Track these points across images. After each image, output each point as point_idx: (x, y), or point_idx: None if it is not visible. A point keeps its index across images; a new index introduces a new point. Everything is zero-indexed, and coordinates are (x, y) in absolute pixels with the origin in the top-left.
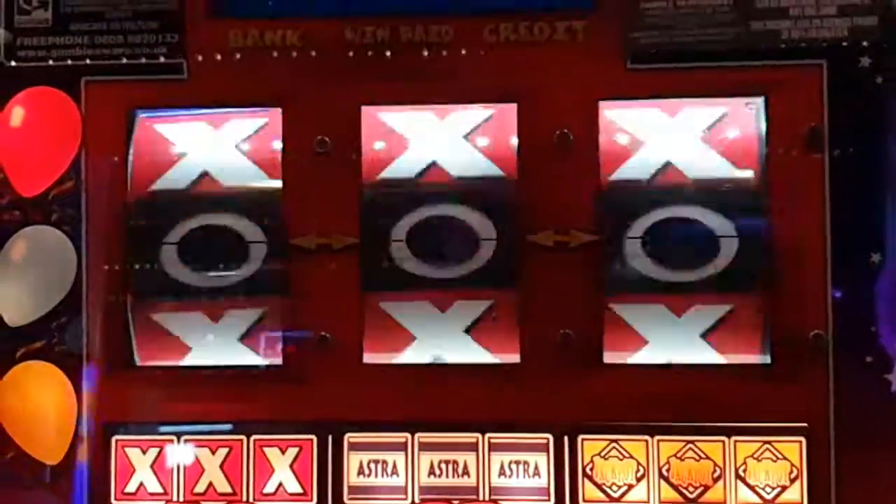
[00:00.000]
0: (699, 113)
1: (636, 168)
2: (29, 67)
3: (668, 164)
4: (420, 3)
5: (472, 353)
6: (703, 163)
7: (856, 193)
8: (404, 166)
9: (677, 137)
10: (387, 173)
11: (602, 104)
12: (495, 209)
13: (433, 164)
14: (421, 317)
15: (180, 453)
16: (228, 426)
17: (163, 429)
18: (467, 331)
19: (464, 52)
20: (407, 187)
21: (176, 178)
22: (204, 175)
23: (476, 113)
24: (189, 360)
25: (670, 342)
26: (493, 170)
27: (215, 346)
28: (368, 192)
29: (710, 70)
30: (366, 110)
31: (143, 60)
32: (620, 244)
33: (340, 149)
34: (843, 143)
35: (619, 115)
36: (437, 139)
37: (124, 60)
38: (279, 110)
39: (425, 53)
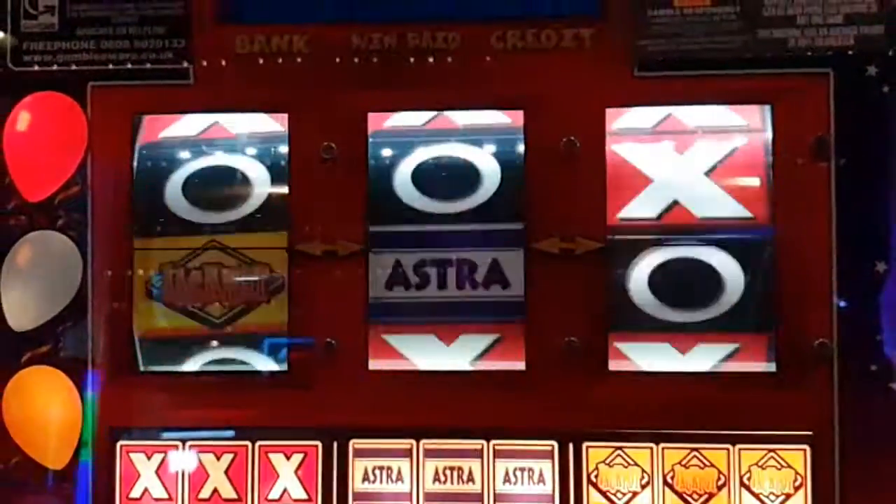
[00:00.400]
0: (708, 147)
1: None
2: (35, 72)
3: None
4: (427, 10)
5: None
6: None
7: (861, 202)
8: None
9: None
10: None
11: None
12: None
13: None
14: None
15: (185, 459)
16: (233, 432)
17: (168, 434)
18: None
19: (471, 59)
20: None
21: (186, 124)
22: (215, 124)
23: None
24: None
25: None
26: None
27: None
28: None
29: (716, 78)
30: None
31: (150, 66)
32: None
33: (346, 155)
34: (850, 151)
35: (629, 149)
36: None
37: (130, 66)
38: (286, 117)
39: (432, 60)
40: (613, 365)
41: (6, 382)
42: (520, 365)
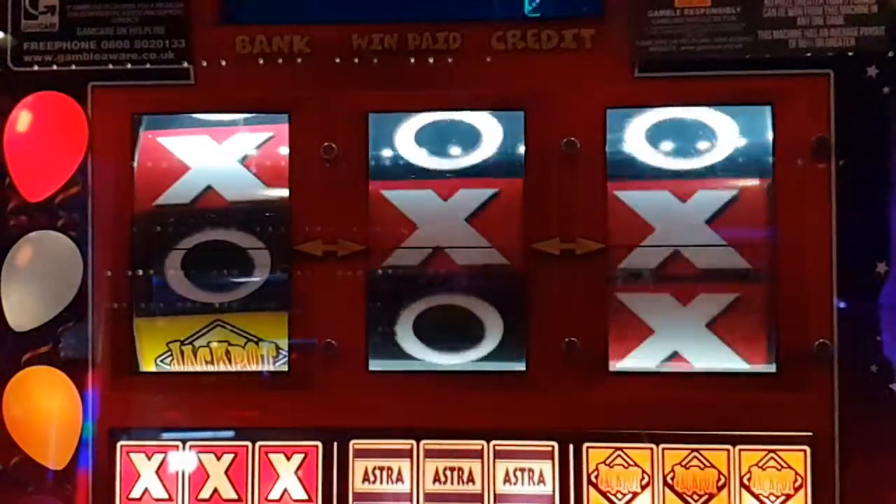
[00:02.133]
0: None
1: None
2: (35, 72)
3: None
4: (428, 10)
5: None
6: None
7: (862, 203)
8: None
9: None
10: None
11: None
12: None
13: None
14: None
15: (185, 459)
16: (233, 432)
17: (168, 434)
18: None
19: (472, 59)
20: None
21: (180, 192)
22: (208, 189)
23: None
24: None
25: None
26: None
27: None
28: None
29: (717, 79)
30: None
31: (150, 66)
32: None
33: (347, 155)
34: (850, 152)
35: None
36: None
37: (130, 66)
38: (285, 123)
39: (432, 60)
40: (613, 364)
41: (6, 382)
42: (520, 365)
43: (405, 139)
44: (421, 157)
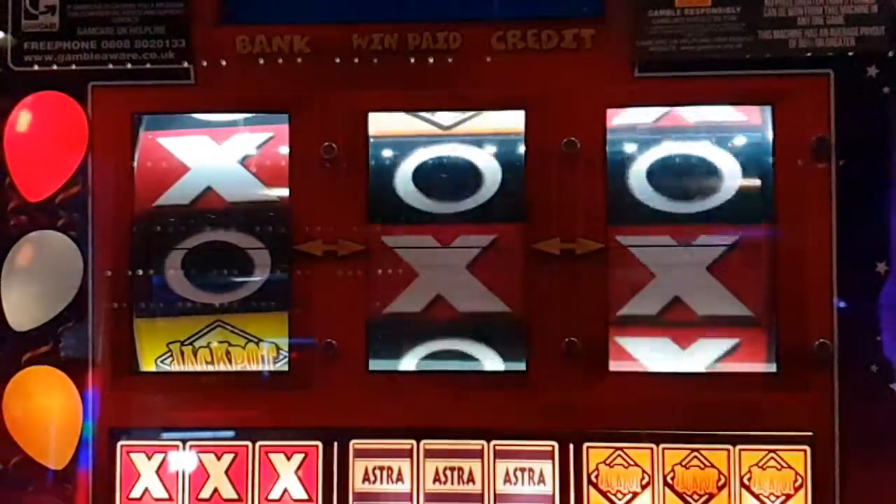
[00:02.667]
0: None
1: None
2: (36, 72)
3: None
4: (428, 10)
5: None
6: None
7: (862, 203)
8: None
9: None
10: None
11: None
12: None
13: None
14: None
15: (185, 459)
16: (234, 432)
17: (168, 434)
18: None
19: (471, 59)
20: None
21: (180, 193)
22: (208, 190)
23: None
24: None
25: (677, 276)
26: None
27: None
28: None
29: (717, 79)
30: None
31: (150, 66)
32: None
33: (347, 155)
34: (850, 152)
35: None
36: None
37: (131, 66)
38: (285, 123)
39: (432, 60)
40: (614, 365)
41: (6, 382)
42: (520, 365)
43: (404, 179)
44: (420, 200)
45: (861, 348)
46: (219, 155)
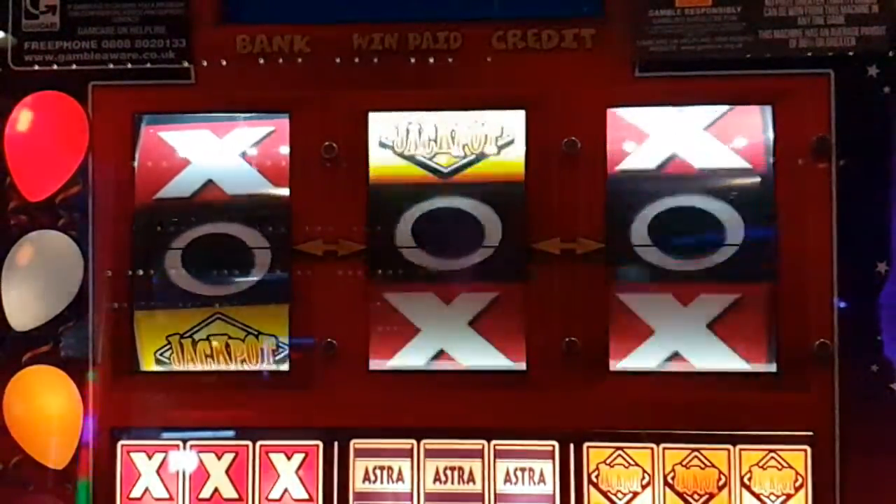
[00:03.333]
0: (705, 110)
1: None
2: (36, 72)
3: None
4: (428, 10)
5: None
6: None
7: (862, 203)
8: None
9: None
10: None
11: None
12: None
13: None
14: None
15: (186, 459)
16: (234, 432)
17: (168, 434)
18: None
19: (472, 59)
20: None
21: (181, 186)
22: (209, 183)
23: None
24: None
25: (677, 333)
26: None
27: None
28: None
29: (717, 78)
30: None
31: (151, 65)
32: (627, 238)
33: (347, 155)
34: (850, 152)
35: (627, 112)
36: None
37: (131, 65)
38: (286, 118)
39: (433, 60)
40: (614, 364)
41: (7, 382)
42: (520, 364)
43: (403, 233)
44: (421, 257)
45: (861, 348)
46: (220, 148)
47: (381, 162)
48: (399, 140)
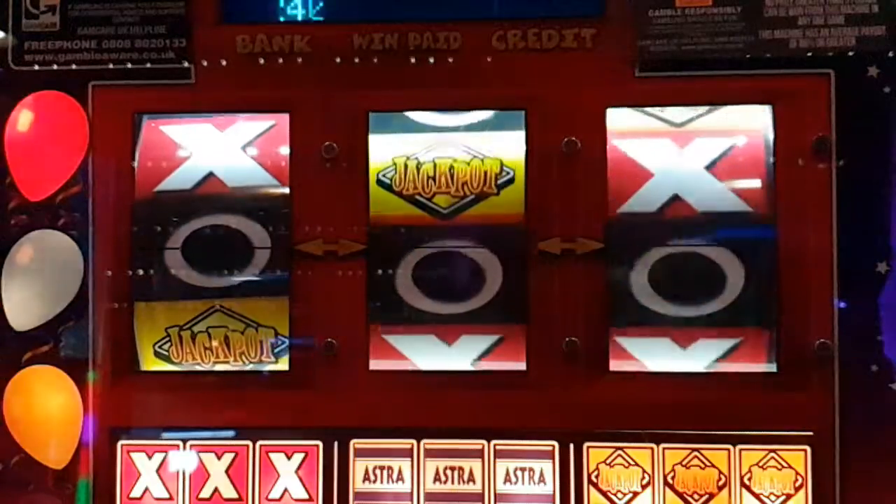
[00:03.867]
0: (708, 144)
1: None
2: (36, 71)
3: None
4: (428, 10)
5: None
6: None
7: (862, 203)
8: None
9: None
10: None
11: (609, 112)
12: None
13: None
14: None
15: (186, 458)
16: (234, 431)
17: (168, 434)
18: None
19: (472, 59)
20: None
21: (181, 179)
22: (209, 176)
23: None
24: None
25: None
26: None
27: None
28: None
29: (718, 79)
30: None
31: (151, 65)
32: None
33: (347, 155)
34: (851, 152)
35: (629, 145)
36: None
37: (131, 65)
38: (287, 116)
39: (433, 60)
40: (614, 365)
41: (7, 381)
42: (521, 365)
43: (404, 280)
44: (420, 300)
45: (861, 348)
46: (221, 142)
47: (381, 202)
48: (398, 178)
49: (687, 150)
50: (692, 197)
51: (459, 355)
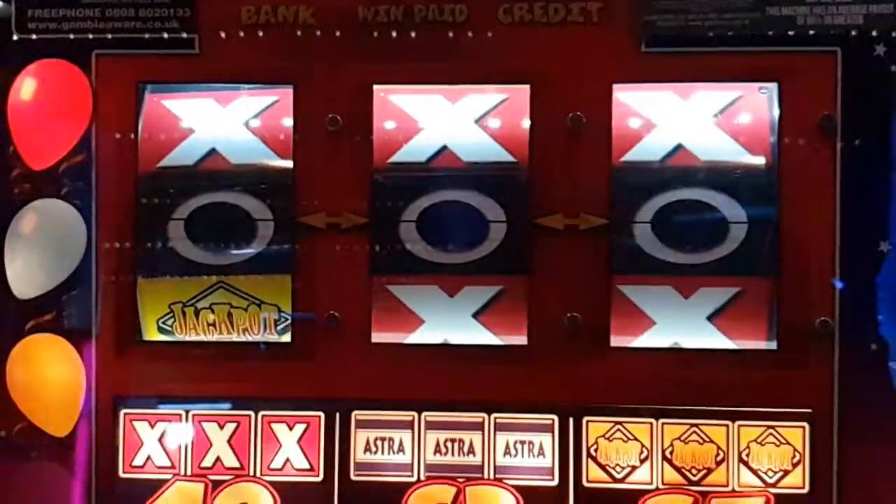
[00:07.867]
0: (712, 96)
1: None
2: (40, 40)
3: (679, 147)
4: None
5: (479, 337)
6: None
7: (866, 182)
8: (415, 150)
9: (690, 120)
10: (398, 157)
11: (616, 87)
12: (506, 194)
13: (444, 149)
14: (429, 301)
15: (188, 428)
16: (236, 402)
17: (171, 403)
18: (475, 315)
19: (477, 32)
20: (418, 171)
21: (184, 154)
22: (212, 152)
23: (488, 97)
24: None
25: (677, 324)
26: (504, 155)
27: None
28: (379, 175)
29: (724, 55)
30: (377, 91)
31: (155, 35)
32: (630, 226)
33: (351, 128)
34: (856, 131)
35: (632, 97)
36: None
37: (135, 35)
38: (290, 88)
39: (438, 33)
40: (615, 340)
41: (10, 350)
42: (521, 339)
43: (408, 228)
44: (424, 250)
45: (861, 327)
46: (223, 117)
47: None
48: None
49: (692, 101)
50: (696, 146)
51: (461, 308)
